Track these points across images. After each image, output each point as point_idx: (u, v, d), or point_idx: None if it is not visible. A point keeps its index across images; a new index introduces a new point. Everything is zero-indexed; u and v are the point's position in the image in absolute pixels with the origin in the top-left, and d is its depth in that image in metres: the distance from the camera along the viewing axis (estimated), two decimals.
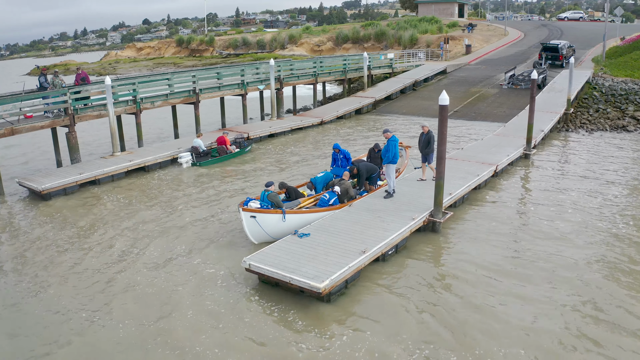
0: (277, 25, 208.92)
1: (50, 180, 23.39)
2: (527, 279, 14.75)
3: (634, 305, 13.32)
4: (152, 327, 12.93)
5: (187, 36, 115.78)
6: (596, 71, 44.28)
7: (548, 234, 17.78)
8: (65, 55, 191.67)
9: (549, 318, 12.85)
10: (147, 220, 19.97)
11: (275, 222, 16.76)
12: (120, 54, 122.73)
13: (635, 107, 36.62)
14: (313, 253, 14.89)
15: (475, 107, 39.18)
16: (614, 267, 15.38)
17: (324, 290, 13.20)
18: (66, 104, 26.23)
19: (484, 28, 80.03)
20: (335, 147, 21.14)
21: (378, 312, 13.35)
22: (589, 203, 20.61)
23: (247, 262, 14.51)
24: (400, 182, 21.22)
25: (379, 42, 77.77)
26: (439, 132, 17.06)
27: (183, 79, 32.99)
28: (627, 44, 52.62)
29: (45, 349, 12.34)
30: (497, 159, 24.47)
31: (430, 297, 13.99)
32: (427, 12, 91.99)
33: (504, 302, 13.60)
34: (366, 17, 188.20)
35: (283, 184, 19.28)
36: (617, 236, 17.53)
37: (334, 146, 21.23)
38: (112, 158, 26.95)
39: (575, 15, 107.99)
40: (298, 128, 34.92)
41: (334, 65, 45.65)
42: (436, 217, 17.86)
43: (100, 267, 16.27)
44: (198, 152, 27.10)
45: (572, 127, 34.03)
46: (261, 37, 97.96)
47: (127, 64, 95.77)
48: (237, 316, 13.32)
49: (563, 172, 24.73)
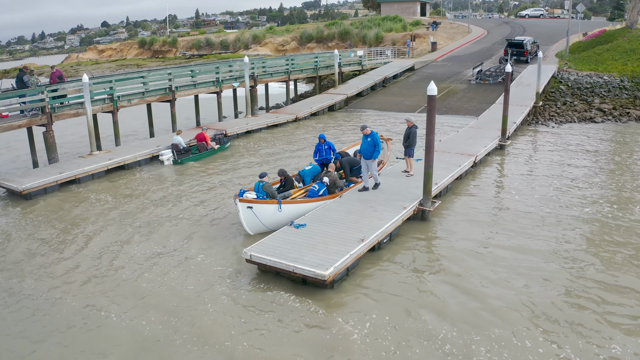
0: (238, 26, 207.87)
1: (30, 180, 23.07)
2: (511, 258, 15.63)
3: (609, 275, 14.20)
4: (172, 325, 12.96)
5: (150, 37, 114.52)
6: (561, 66, 45.34)
7: (528, 216, 18.72)
8: (24, 59, 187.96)
9: (532, 288, 13.80)
10: (135, 218, 19.88)
11: (272, 212, 16.93)
12: (81, 56, 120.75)
13: (601, 100, 37.73)
14: (312, 243, 15.10)
15: (446, 102, 39.77)
16: (583, 238, 16.65)
17: (329, 278, 13.42)
18: (43, 103, 25.91)
19: (447, 26, 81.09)
20: (321, 137, 21.33)
21: (380, 296, 13.67)
22: (564, 188, 21.62)
23: (248, 252, 14.62)
24: (386, 173, 21.63)
25: (343, 41, 78.19)
26: (428, 121, 17.48)
27: (159, 76, 32.87)
28: (589, 39, 53.92)
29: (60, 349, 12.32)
30: (475, 149, 25.02)
31: (427, 281, 14.42)
32: (389, 11, 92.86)
33: (492, 282, 14.30)
34: (326, 17, 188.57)
35: (282, 171, 19.34)
36: (584, 212, 19.02)
37: (319, 136, 21.42)
38: (90, 157, 26.69)
39: (536, 12, 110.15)
40: (274, 125, 35.03)
41: (306, 63, 45.89)
42: (426, 205, 18.24)
43: (94, 265, 16.20)
44: (179, 149, 27.01)
45: (541, 120, 34.83)
46: (225, 37, 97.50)
47: (89, 67, 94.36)
48: (245, 306, 13.45)
49: (537, 161, 25.65)
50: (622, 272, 14.61)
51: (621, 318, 12.46)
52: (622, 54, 45.51)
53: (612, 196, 20.65)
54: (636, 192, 20.94)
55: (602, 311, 12.73)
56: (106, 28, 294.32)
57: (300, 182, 20.27)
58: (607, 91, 39.00)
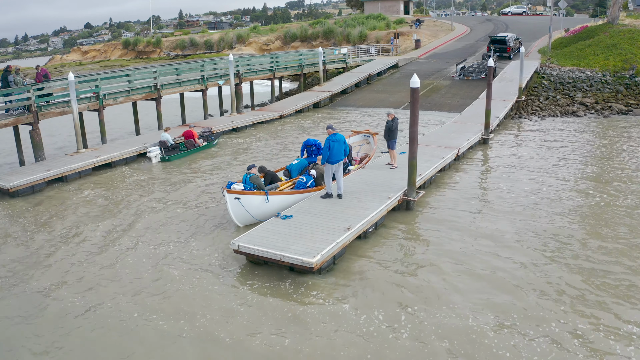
0: (222, 27, 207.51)
1: (17, 177, 23.14)
2: (491, 246, 16.02)
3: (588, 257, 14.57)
4: (161, 317, 13.19)
5: (134, 38, 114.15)
6: (543, 61, 45.93)
7: (508, 205, 19.30)
8: (7, 61, 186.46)
9: (511, 273, 14.27)
10: (123, 214, 20.05)
11: (259, 203, 17.19)
12: (65, 58, 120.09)
13: (583, 94, 38.32)
14: (299, 232, 15.39)
15: (430, 98, 40.17)
16: (562, 225, 17.00)
17: (316, 265, 13.73)
18: (29, 101, 26.00)
19: (430, 24, 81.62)
20: (308, 143, 21.62)
21: (366, 283, 14.02)
22: (543, 178, 22.15)
23: (236, 243, 14.88)
24: (371, 165, 22.03)
25: (327, 40, 78.44)
26: (411, 113, 17.78)
27: (144, 74, 33.00)
28: (571, 35, 54.60)
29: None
30: (458, 143, 25.40)
31: (411, 267, 14.81)
32: (373, 9, 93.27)
33: (473, 267, 14.73)
34: (310, 16, 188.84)
35: (262, 168, 19.65)
36: (562, 200, 19.57)
37: (309, 142, 21.74)
38: (77, 155, 26.77)
39: (519, 9, 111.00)
40: (259, 122, 35.28)
41: (290, 61, 46.14)
42: (410, 195, 18.59)
43: (87, 261, 16.38)
44: (166, 146, 27.14)
45: (524, 114, 35.30)
46: (209, 37, 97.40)
47: (74, 68, 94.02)
48: (235, 295, 13.73)
49: (519, 154, 26.10)
50: (608, 262, 15.06)
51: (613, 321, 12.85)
52: (604, 49, 46.09)
53: (590, 185, 21.17)
54: (617, 182, 21.45)
55: (579, 302, 13.13)
56: (89, 30, 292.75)
57: (288, 176, 20.54)
58: (589, 86, 39.58)
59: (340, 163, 18.01)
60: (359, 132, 25.55)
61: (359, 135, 25.28)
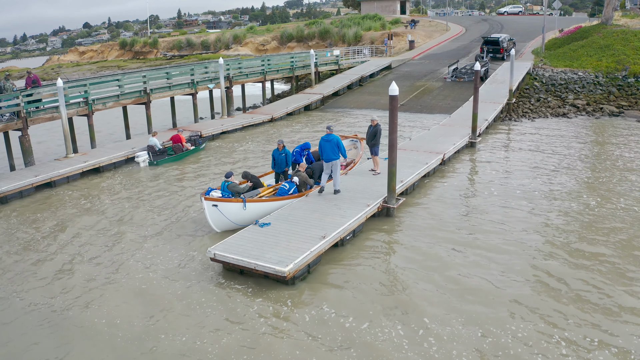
0: (220, 26, 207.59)
1: (5, 183, 23.31)
2: (471, 254, 16.04)
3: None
4: (136, 324, 13.37)
5: (131, 39, 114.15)
6: (536, 62, 46.05)
7: (492, 211, 19.34)
8: (5, 61, 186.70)
9: (492, 280, 14.41)
10: (108, 219, 20.22)
11: (237, 210, 17.42)
12: (62, 58, 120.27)
13: (575, 96, 38.45)
14: (275, 241, 15.56)
15: (421, 100, 40.32)
16: (545, 230, 16.99)
17: (289, 274, 13.89)
18: (19, 107, 26.19)
19: (426, 24, 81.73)
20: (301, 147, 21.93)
21: (339, 291, 14.16)
22: (530, 182, 22.20)
23: (212, 251, 15.06)
24: (354, 172, 22.14)
25: (323, 40, 78.63)
26: (390, 121, 17.97)
27: (134, 79, 33.16)
28: (565, 36, 54.67)
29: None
30: (444, 147, 25.51)
31: (387, 275, 14.95)
32: (369, 9, 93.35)
33: (452, 275, 14.78)
34: (309, 16, 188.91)
35: (246, 174, 19.83)
36: (548, 204, 19.68)
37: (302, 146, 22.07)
38: (66, 160, 26.98)
39: (515, 9, 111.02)
40: (249, 125, 35.42)
41: (282, 63, 46.26)
42: (390, 203, 18.74)
43: (67, 267, 16.54)
44: (154, 151, 27.32)
45: (515, 117, 35.42)
46: (205, 37, 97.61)
47: (71, 68, 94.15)
48: (206, 303, 13.88)
49: (506, 158, 26.17)
50: (588, 270, 15.20)
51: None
52: (597, 50, 46.17)
53: (577, 189, 21.29)
54: (604, 189, 21.44)
55: (566, 300, 13.30)
56: (88, 29, 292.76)
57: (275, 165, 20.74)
58: (582, 87, 39.72)
59: (336, 162, 19.14)
60: (346, 137, 25.64)
61: (347, 140, 25.35)
